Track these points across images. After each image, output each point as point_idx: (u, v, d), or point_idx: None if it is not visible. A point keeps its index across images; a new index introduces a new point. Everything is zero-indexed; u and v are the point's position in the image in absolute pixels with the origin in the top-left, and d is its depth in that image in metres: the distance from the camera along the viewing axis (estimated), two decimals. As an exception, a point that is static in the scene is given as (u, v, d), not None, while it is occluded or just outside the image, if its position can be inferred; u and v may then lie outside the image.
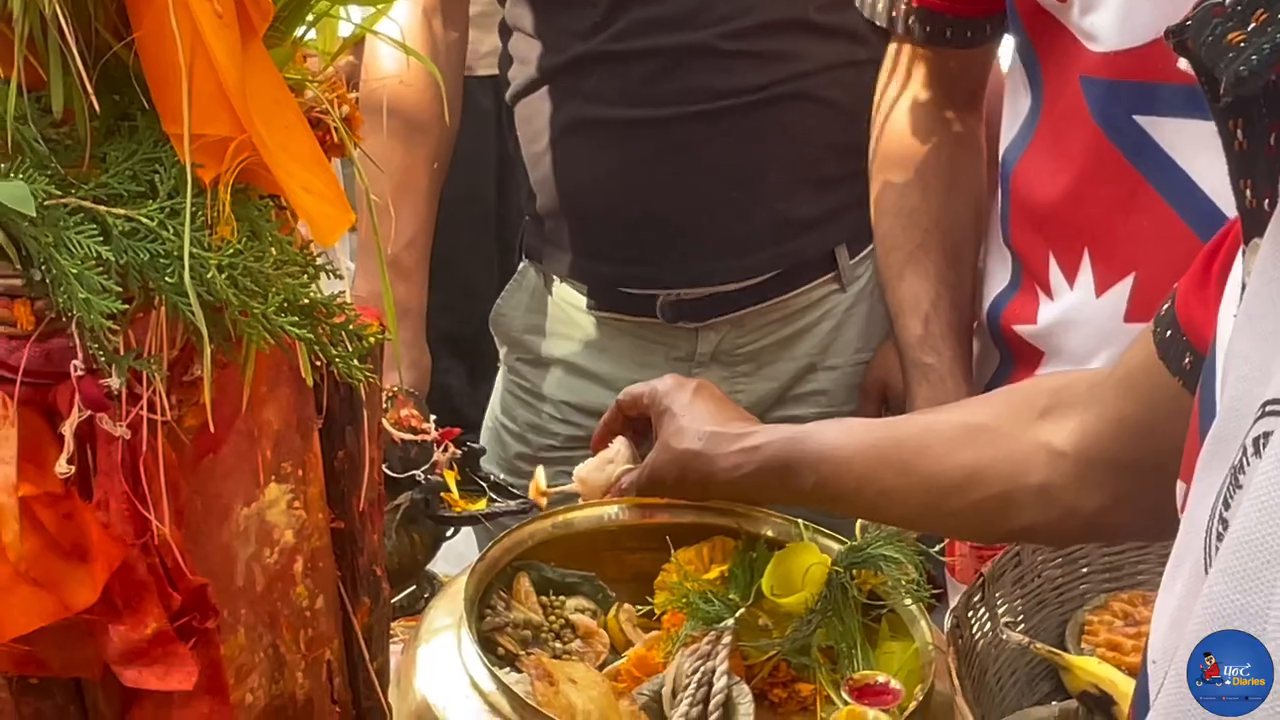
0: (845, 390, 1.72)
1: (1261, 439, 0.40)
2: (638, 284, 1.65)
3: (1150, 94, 1.16)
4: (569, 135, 1.62)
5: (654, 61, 1.54)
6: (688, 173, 1.59)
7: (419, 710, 0.99)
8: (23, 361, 0.71)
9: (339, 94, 0.80)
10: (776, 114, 1.58)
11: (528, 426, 1.76)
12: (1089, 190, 1.23)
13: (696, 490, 1.21)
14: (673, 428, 1.19)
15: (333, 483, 0.90)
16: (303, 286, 0.74)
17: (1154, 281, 1.18)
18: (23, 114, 0.69)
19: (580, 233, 1.67)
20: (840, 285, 1.69)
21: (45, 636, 0.73)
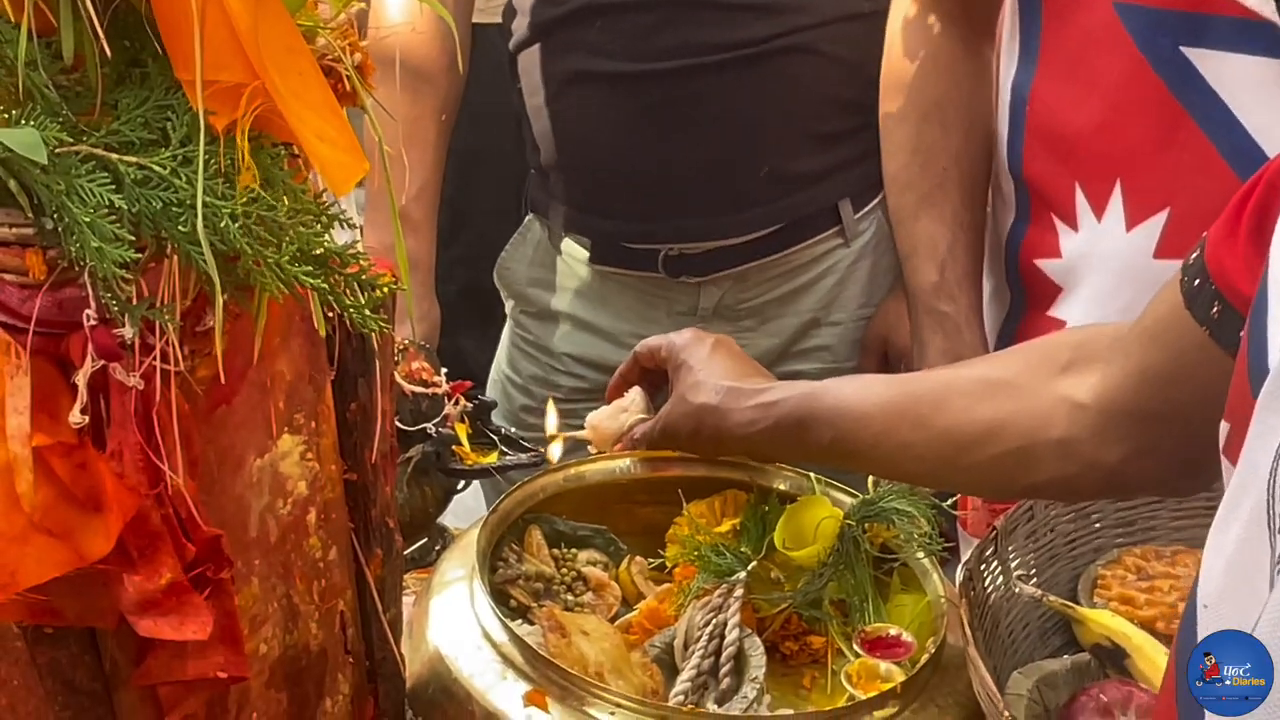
0: (848, 346, 1.71)
1: None
2: (639, 239, 1.65)
3: (1201, 25, 1.12)
4: (569, 89, 1.61)
5: (653, 13, 1.53)
6: (688, 127, 1.58)
7: (432, 661, 0.98)
8: (35, 311, 0.70)
9: (351, 41, 0.79)
10: (778, 67, 1.56)
11: (532, 379, 1.76)
12: (1125, 120, 1.19)
13: (710, 445, 1.18)
14: (689, 381, 1.16)
15: (345, 434, 0.89)
16: (316, 236, 0.74)
17: (1189, 219, 1.15)
18: (33, 60, 0.68)
19: (581, 187, 1.67)
20: (844, 240, 1.68)
21: (60, 586, 0.73)
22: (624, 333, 1.68)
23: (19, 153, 0.66)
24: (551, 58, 1.60)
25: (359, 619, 0.95)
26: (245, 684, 0.83)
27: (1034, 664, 1.01)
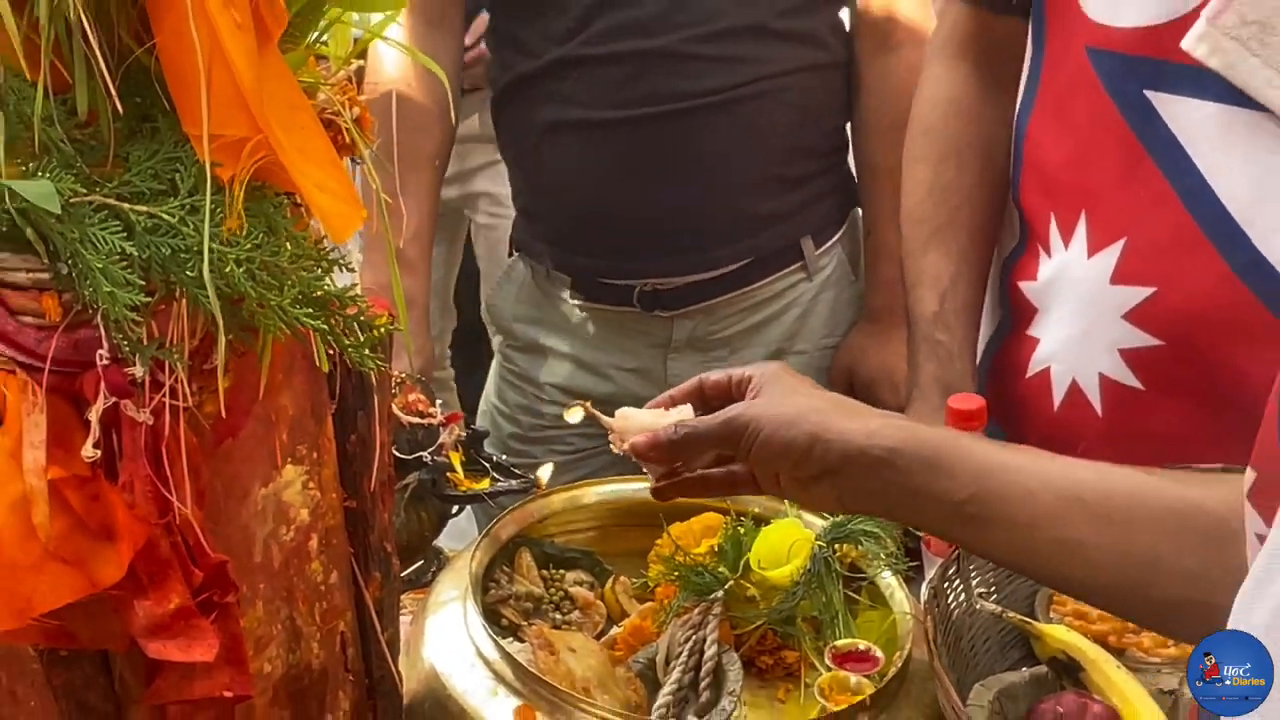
0: (814, 374, 1.67)
1: None
2: (615, 275, 1.65)
3: (1163, 71, 1.12)
4: (547, 136, 1.61)
5: (624, 65, 1.54)
6: (659, 171, 1.58)
7: (427, 678, 0.99)
8: (51, 351, 0.71)
9: (350, 96, 0.79)
10: (740, 114, 1.57)
11: (518, 408, 1.76)
12: (1092, 156, 1.20)
13: (782, 460, 0.88)
14: (785, 385, 0.93)
15: (345, 464, 0.89)
16: (317, 280, 0.74)
17: (1142, 249, 1.16)
18: (49, 116, 0.68)
19: (560, 228, 1.67)
20: (807, 274, 1.68)
21: (74, 611, 0.73)
22: (603, 363, 1.69)
23: (35, 203, 0.66)
24: (530, 108, 1.61)
25: (359, 639, 0.95)
26: (250, 702, 0.83)
27: (994, 676, 1.01)
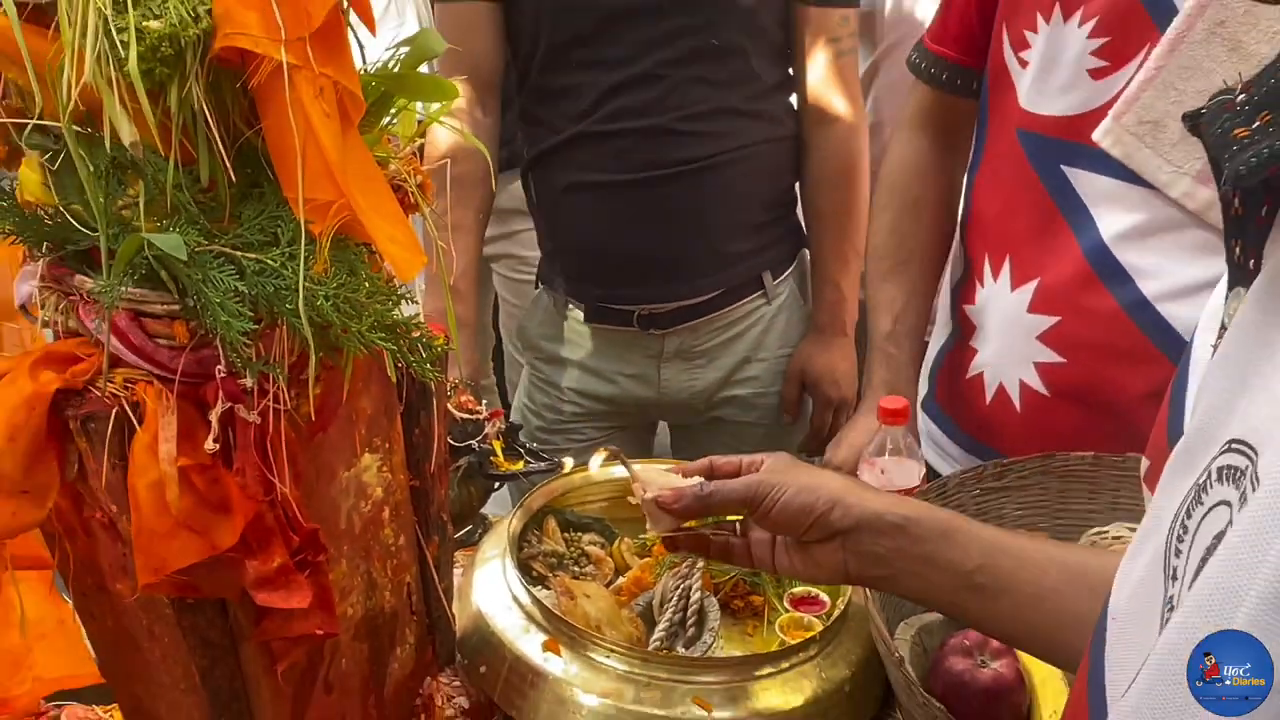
0: (772, 375, 1.70)
1: (1227, 470, 0.36)
2: (619, 302, 1.63)
3: (1077, 151, 1.11)
4: (567, 194, 1.60)
5: (627, 139, 1.53)
6: (654, 220, 1.57)
7: (474, 618, 0.98)
8: (180, 366, 0.71)
9: (414, 167, 0.79)
10: (717, 177, 1.56)
11: (543, 407, 1.75)
12: (1018, 213, 1.19)
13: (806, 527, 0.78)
14: (805, 471, 0.83)
15: (411, 452, 0.89)
16: (388, 310, 0.74)
17: (1051, 286, 1.16)
18: (179, 183, 0.68)
19: (576, 266, 1.66)
20: (766, 300, 1.67)
21: (198, 569, 0.73)
22: (609, 371, 1.68)
23: (167, 251, 0.66)
24: (553, 173, 1.60)
25: (421, 587, 0.94)
26: (337, 638, 0.83)
27: (916, 617, 1.00)
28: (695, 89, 1.51)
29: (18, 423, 0.71)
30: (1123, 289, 1.11)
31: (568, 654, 0.92)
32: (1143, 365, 1.11)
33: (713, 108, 1.53)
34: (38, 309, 0.75)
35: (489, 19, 1.54)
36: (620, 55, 1.50)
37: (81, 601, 0.84)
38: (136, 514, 0.70)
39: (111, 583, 0.79)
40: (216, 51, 0.62)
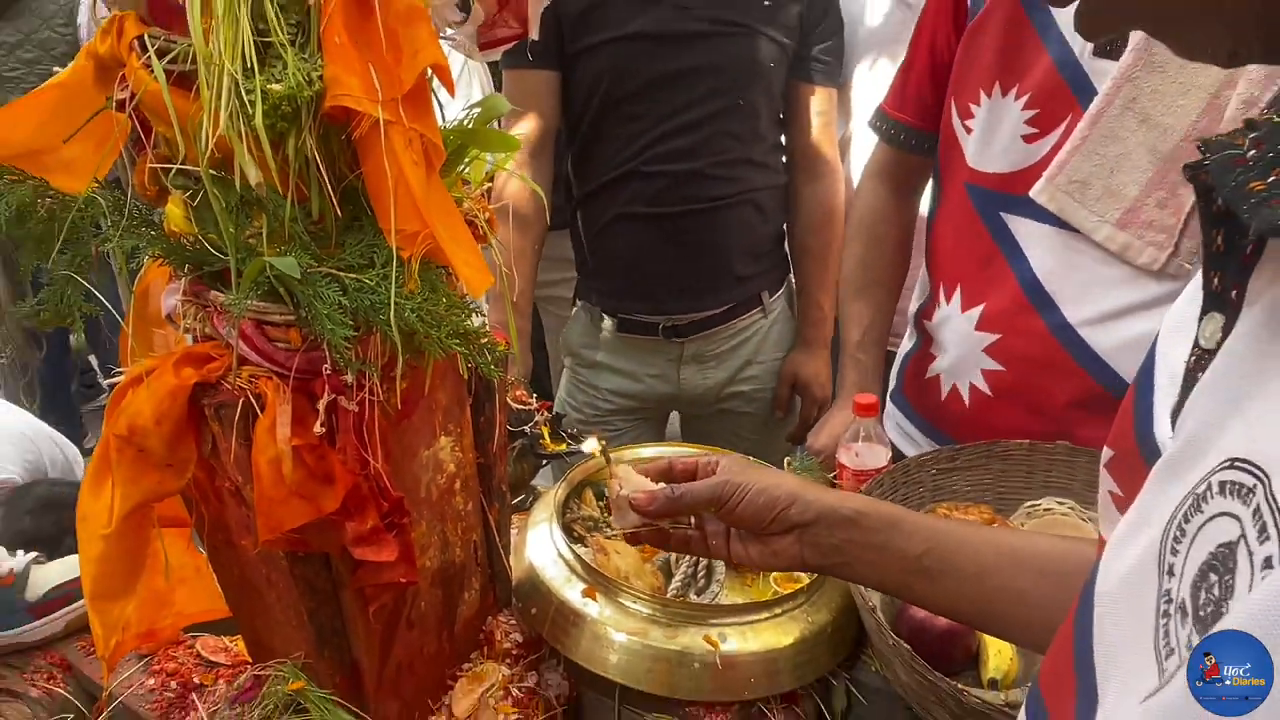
0: (768, 375, 1.68)
1: (1231, 485, 0.32)
2: (646, 314, 1.62)
3: (1015, 201, 1.10)
4: (612, 223, 1.58)
5: (664, 180, 1.51)
6: (679, 248, 1.55)
7: (527, 570, 0.97)
8: (294, 365, 0.71)
9: (483, 206, 0.79)
10: (733, 213, 1.55)
11: (581, 402, 1.73)
12: (965, 251, 1.18)
13: (767, 520, 0.72)
14: (750, 465, 0.79)
15: (477, 435, 0.88)
16: (461, 321, 0.73)
17: (993, 311, 1.15)
18: (294, 217, 0.68)
19: (611, 285, 1.64)
20: (764, 315, 1.65)
21: (307, 528, 0.73)
22: (636, 372, 1.66)
23: (285, 272, 0.66)
24: (602, 206, 1.58)
25: (485, 544, 0.94)
26: (417, 585, 0.83)
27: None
28: (721, 141, 1.50)
29: (163, 410, 0.71)
30: (1050, 314, 1.10)
31: (602, 599, 0.91)
32: (1065, 378, 1.10)
33: (733, 157, 1.52)
34: (180, 318, 0.75)
35: (549, 85, 1.52)
36: (663, 111, 1.48)
37: (213, 553, 0.84)
38: (258, 483, 0.70)
39: (237, 539, 0.80)
40: (326, 109, 0.62)
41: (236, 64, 0.60)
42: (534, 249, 1.57)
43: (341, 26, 0.61)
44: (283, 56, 0.61)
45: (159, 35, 0.65)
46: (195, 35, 0.60)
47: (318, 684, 0.83)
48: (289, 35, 0.61)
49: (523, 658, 0.94)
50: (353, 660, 0.84)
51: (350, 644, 0.83)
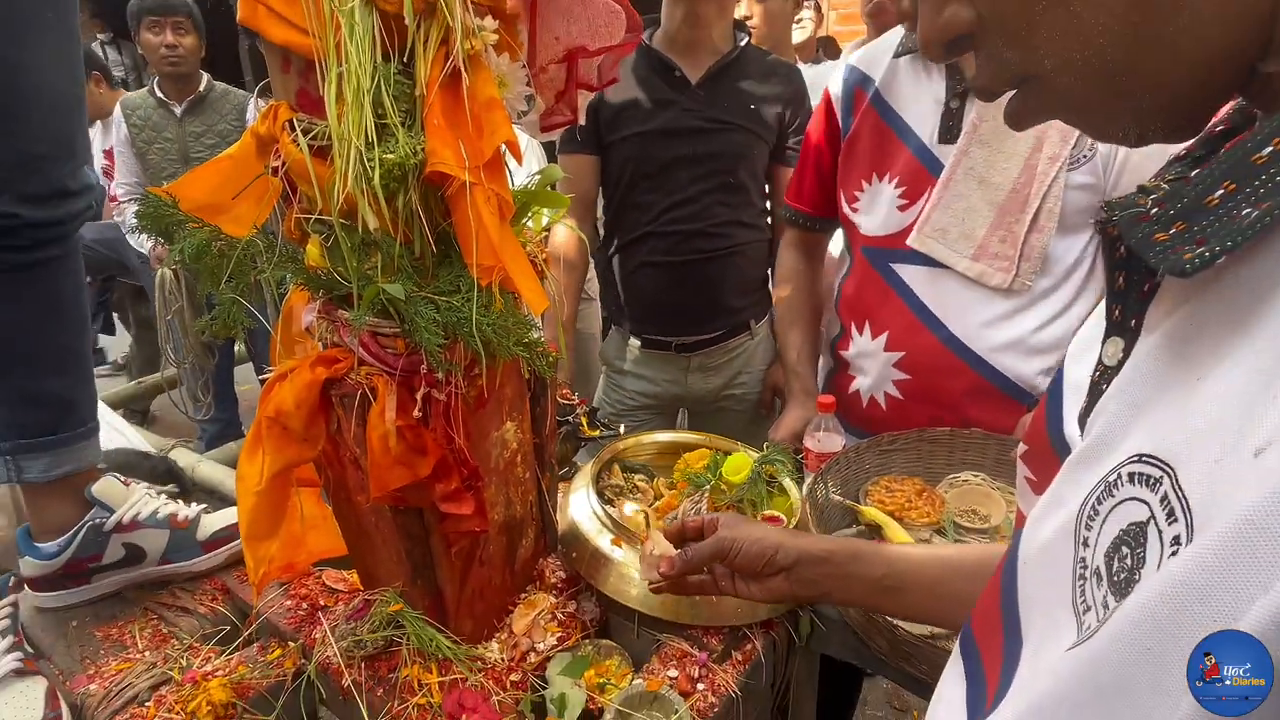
0: (755, 382, 1.65)
1: (1139, 475, 0.30)
2: (662, 336, 1.60)
3: (897, 253, 1.13)
4: (638, 269, 1.56)
5: (675, 237, 1.50)
6: (689, 288, 1.54)
7: (569, 524, 0.96)
8: (399, 365, 0.70)
9: (541, 249, 0.79)
10: (729, 262, 1.53)
11: (613, 400, 1.71)
12: (869, 295, 1.18)
13: (761, 566, 0.70)
14: (742, 520, 0.77)
15: (533, 421, 0.87)
16: (524, 334, 0.73)
17: (896, 335, 1.15)
18: (401, 254, 0.67)
19: (638, 313, 1.62)
20: (751, 337, 1.63)
21: (407, 488, 0.72)
22: (655, 378, 1.64)
23: (394, 295, 0.65)
24: (629, 256, 1.57)
25: (539, 503, 0.93)
26: (487, 533, 0.82)
27: (838, 532, 0.97)
28: (717, 209, 1.49)
29: (301, 398, 0.71)
30: (938, 330, 1.11)
31: (626, 548, 0.90)
32: (957, 376, 1.11)
33: (726, 220, 1.51)
34: (315, 330, 0.75)
35: (592, 165, 1.52)
36: (673, 187, 1.48)
37: (336, 507, 0.84)
38: (370, 454, 0.70)
39: (354, 495, 0.79)
40: (426, 174, 0.62)
41: (361, 140, 0.59)
42: (578, 283, 1.57)
43: (439, 112, 0.60)
44: (395, 134, 0.61)
45: (304, 119, 0.65)
46: (331, 119, 0.60)
47: (412, 606, 0.82)
48: (400, 118, 0.61)
49: (565, 589, 0.93)
50: (438, 589, 0.83)
51: (436, 576, 0.83)
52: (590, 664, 0.83)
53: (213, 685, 0.80)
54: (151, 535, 0.97)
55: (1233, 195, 0.27)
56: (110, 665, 0.86)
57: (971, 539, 0.93)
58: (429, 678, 0.79)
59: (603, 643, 0.85)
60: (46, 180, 0.82)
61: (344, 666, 0.81)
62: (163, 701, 0.80)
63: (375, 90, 0.59)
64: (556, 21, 0.68)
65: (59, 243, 0.86)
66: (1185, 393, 0.29)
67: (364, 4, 0.57)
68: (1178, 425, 0.29)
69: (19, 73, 0.76)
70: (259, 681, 0.83)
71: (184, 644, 0.90)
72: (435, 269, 0.69)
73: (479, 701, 0.76)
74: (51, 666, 0.88)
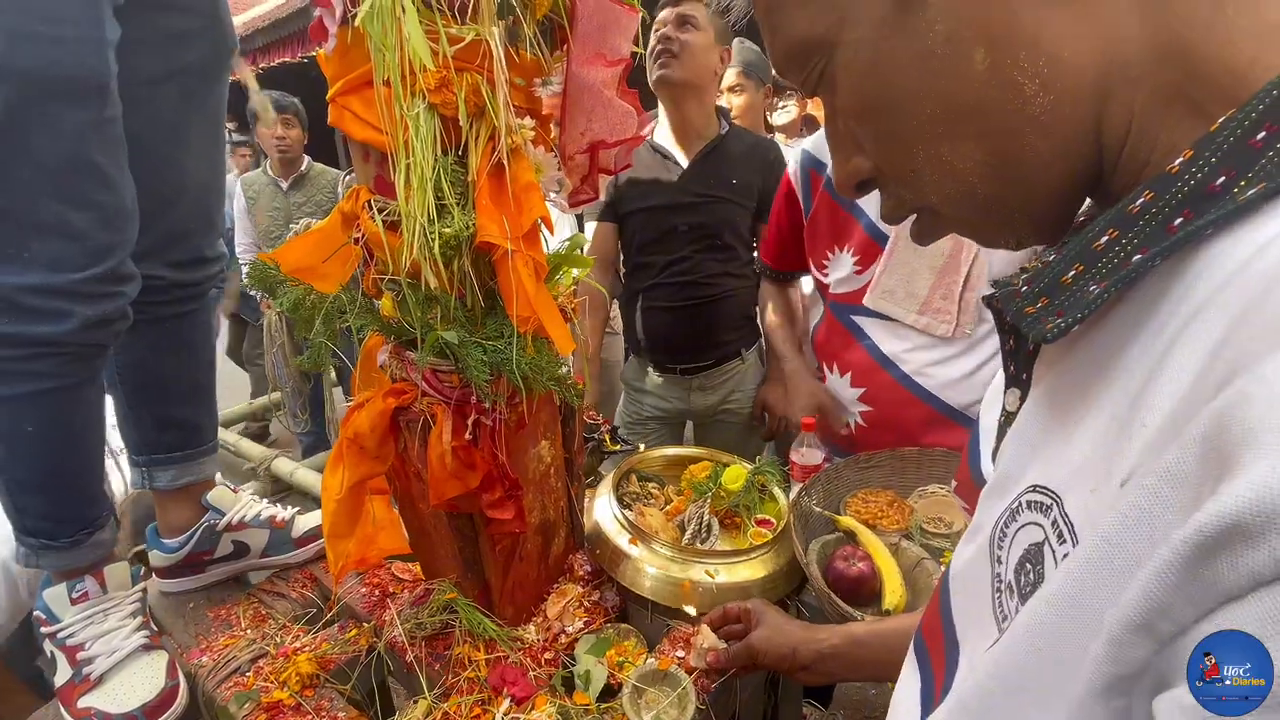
0: (746, 399, 1.62)
1: (1034, 503, 0.30)
2: (670, 363, 1.59)
3: (856, 308, 1.14)
4: (647, 312, 1.57)
5: (676, 286, 1.51)
6: (689, 326, 1.54)
7: (594, 525, 0.95)
8: (454, 396, 0.70)
9: (570, 300, 0.78)
10: (720, 305, 1.53)
11: (632, 413, 1.69)
12: (836, 340, 1.18)
13: (783, 662, 0.70)
14: (772, 627, 0.73)
15: (565, 440, 0.87)
16: (555, 370, 0.72)
17: (858, 374, 1.15)
18: (456, 307, 0.68)
19: (650, 346, 1.60)
20: (742, 362, 1.61)
21: (460, 498, 0.72)
22: (666, 396, 1.63)
23: (449, 339, 0.66)
24: (639, 300, 1.57)
25: (568, 508, 0.92)
26: (526, 534, 0.81)
27: (819, 538, 0.95)
28: (709, 264, 1.50)
29: (375, 423, 0.72)
30: (893, 370, 1.12)
31: (640, 546, 0.89)
32: (912, 407, 1.11)
33: (716, 272, 1.51)
34: (388, 368, 0.76)
35: (612, 231, 1.55)
36: (672, 248, 1.49)
37: (402, 511, 0.84)
38: (430, 468, 0.70)
39: (417, 503, 0.79)
40: (477, 243, 0.63)
41: (424, 216, 0.61)
42: (600, 327, 1.58)
43: (487, 194, 0.62)
44: (452, 212, 0.62)
45: (379, 200, 0.66)
46: (400, 200, 0.61)
47: (464, 595, 0.82)
48: (455, 199, 0.62)
49: (591, 581, 0.92)
50: (485, 580, 0.83)
51: (484, 570, 0.82)
52: (611, 644, 0.82)
53: (301, 659, 0.81)
54: (255, 534, 0.98)
55: (1082, 275, 0.28)
56: (219, 641, 0.87)
57: (935, 543, 0.91)
58: (477, 655, 0.78)
59: (622, 626, 0.84)
60: (189, 250, 0.86)
61: (407, 644, 0.81)
62: (260, 672, 0.80)
63: (436, 177, 0.60)
64: (582, 120, 0.70)
65: (195, 300, 0.89)
66: (1065, 434, 0.30)
67: (427, 109, 0.59)
68: (1062, 461, 0.29)
69: (178, 170, 0.80)
70: (338, 656, 0.83)
71: (279, 623, 0.90)
72: (483, 319, 0.69)
73: (519, 675, 0.76)
74: (172, 641, 0.89)
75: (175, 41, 0.76)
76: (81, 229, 0.66)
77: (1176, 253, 0.26)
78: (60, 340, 0.68)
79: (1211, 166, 0.25)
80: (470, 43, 0.58)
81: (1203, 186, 0.25)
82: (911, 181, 0.32)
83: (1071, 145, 0.28)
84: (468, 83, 0.59)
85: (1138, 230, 0.26)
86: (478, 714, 0.72)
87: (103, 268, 0.68)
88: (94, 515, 0.82)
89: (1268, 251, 0.23)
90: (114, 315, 0.71)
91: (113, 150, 0.67)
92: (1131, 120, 0.28)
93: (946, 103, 0.29)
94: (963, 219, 0.33)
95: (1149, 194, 0.26)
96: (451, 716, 0.72)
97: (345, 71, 0.62)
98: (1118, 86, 0.27)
